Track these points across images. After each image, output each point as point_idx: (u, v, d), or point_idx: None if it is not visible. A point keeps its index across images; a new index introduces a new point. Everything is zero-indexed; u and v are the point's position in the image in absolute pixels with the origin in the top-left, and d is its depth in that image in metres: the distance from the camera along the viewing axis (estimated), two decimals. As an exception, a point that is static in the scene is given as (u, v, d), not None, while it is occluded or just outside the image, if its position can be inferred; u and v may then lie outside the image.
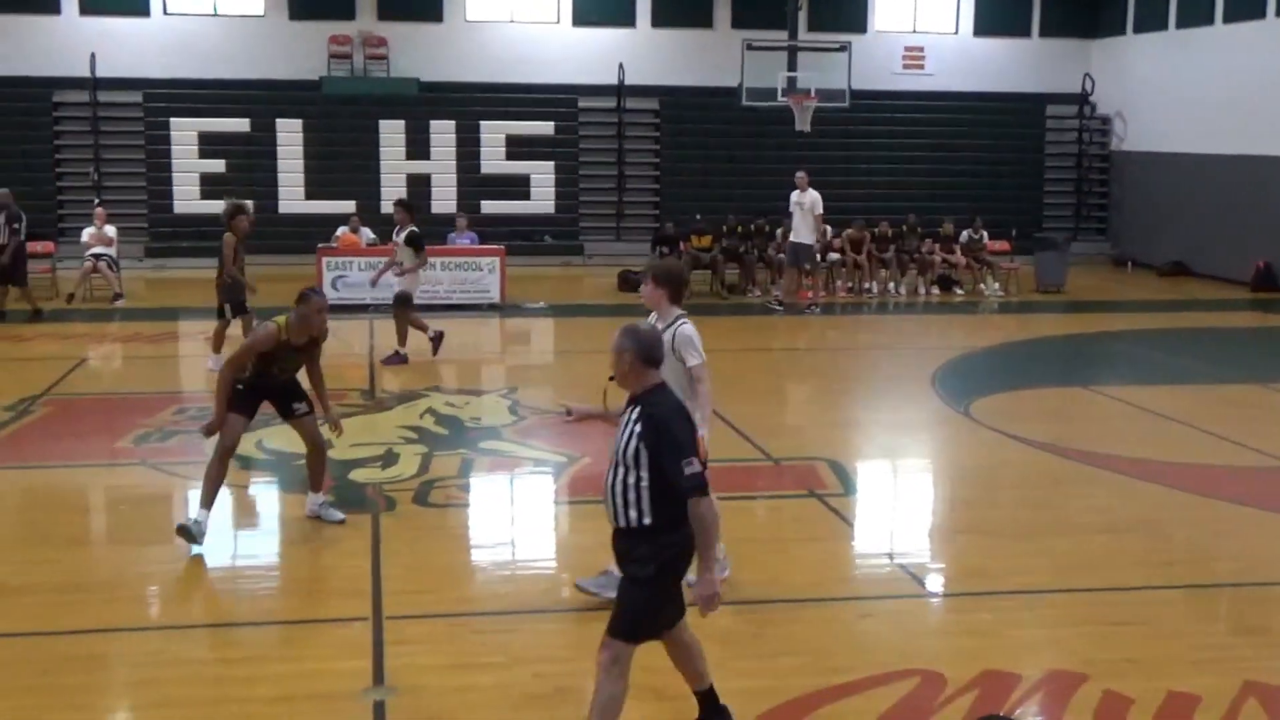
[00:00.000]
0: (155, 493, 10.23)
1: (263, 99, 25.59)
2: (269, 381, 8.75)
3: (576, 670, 6.65)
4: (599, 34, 26.94)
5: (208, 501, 8.51)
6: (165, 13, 25.72)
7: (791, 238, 20.33)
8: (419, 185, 25.62)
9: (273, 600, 7.90)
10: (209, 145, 25.03)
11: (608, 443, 5.71)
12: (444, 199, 25.57)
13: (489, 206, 25.66)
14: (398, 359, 15.13)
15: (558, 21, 26.98)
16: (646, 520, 5.39)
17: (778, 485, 10.56)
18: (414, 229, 15.40)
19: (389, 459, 10.82)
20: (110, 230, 20.84)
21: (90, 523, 9.73)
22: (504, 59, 26.63)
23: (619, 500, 5.43)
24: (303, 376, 9.02)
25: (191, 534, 8.35)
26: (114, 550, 8.72)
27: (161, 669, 6.72)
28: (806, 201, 19.88)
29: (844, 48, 24.47)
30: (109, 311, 19.35)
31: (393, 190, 25.52)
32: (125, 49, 25.26)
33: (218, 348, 14.04)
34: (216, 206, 24.68)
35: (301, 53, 25.94)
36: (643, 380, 5.50)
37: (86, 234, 20.73)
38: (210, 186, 24.79)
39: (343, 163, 25.61)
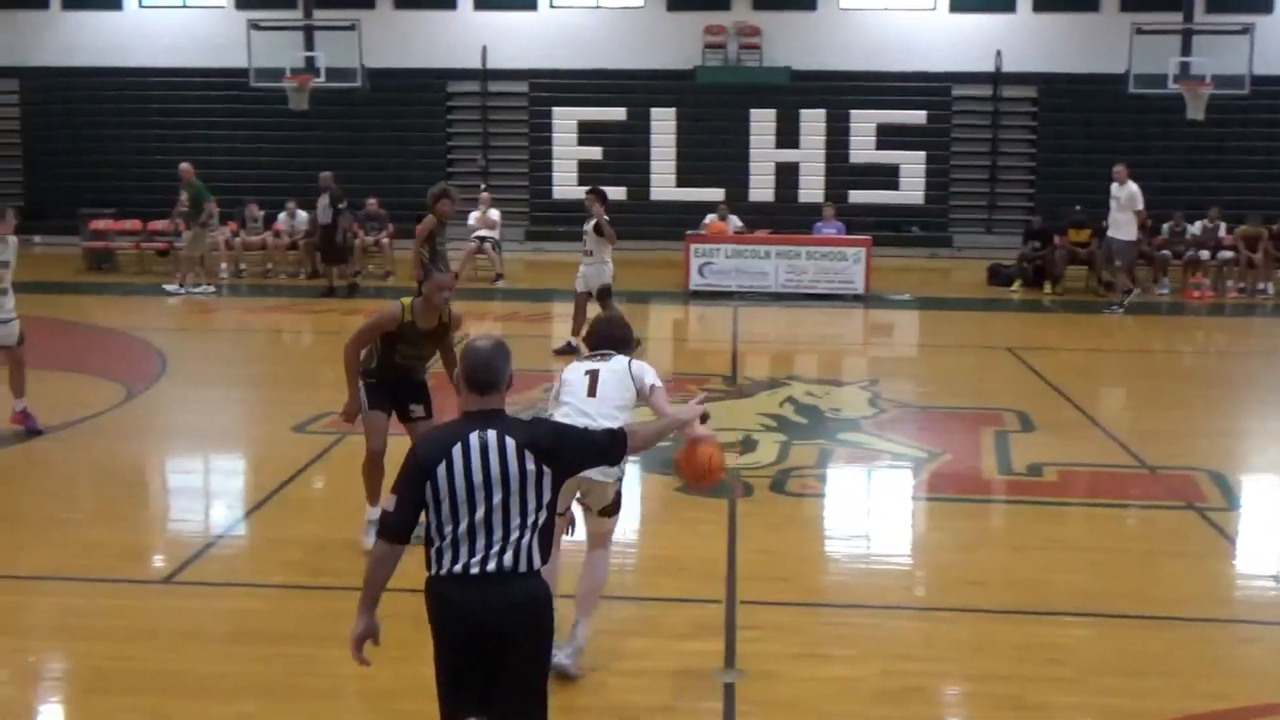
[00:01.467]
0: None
1: (639, 88, 26.32)
2: (394, 374, 8.06)
3: (929, 670, 6.50)
4: (977, 20, 26.22)
5: (374, 498, 8.01)
6: (551, 6, 26.86)
7: (1109, 232, 19.14)
8: (787, 174, 25.76)
9: (632, 576, 8.09)
10: (587, 133, 25.97)
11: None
12: (812, 188, 25.57)
13: (856, 196, 25.45)
14: (568, 349, 14.87)
15: (934, 8, 26.43)
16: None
17: (1152, 495, 9.96)
18: (603, 218, 15.20)
19: (748, 445, 10.90)
20: (494, 214, 21.95)
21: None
22: (877, 47, 26.33)
23: None
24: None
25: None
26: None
27: (525, 634, 7.00)
28: (1124, 195, 18.66)
29: (1246, 30, 22.84)
30: (490, 291, 20.40)
31: (762, 179, 25.82)
32: (514, 41, 26.55)
33: None
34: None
35: (677, 43, 26.51)
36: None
37: (472, 217, 21.90)
38: (587, 173, 25.74)
39: (713, 151, 26.01)
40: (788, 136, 25.95)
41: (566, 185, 26.06)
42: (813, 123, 25.91)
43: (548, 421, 4.96)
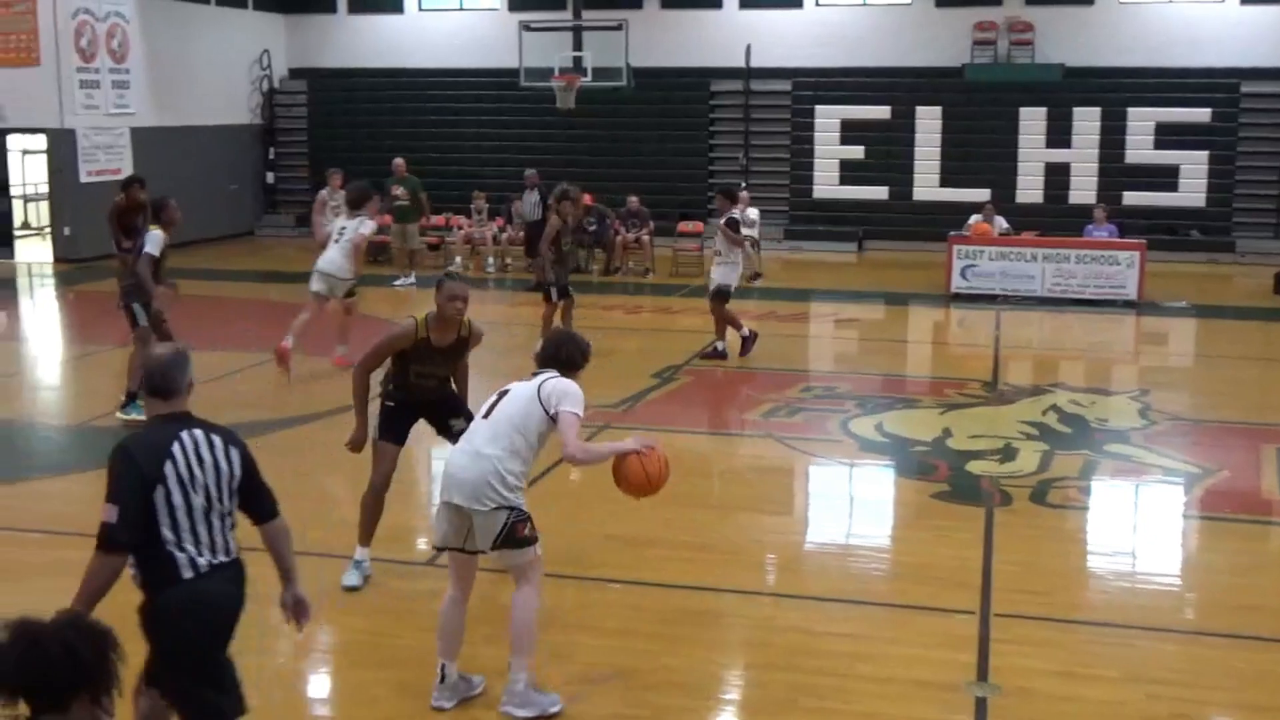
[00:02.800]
0: (778, 465, 10.66)
1: (904, 86, 25.89)
2: (415, 395, 7.49)
3: (1198, 698, 6.19)
4: (1269, 12, 24.73)
5: (366, 538, 7.66)
6: (817, 4, 26.69)
7: None
8: (1057, 174, 24.88)
9: (882, 582, 7.96)
10: (850, 132, 25.67)
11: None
12: (1083, 189, 24.60)
13: (1131, 198, 24.37)
14: (716, 354, 14.53)
15: (1223, 0, 25.08)
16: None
17: None
18: (733, 216, 14.79)
19: (1008, 453, 10.58)
20: (753, 213, 21.94)
21: (716, 488, 10.28)
22: (1158, 41, 25.14)
23: None
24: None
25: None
26: (736, 516, 9.16)
27: (771, 634, 6.99)
28: None
29: None
30: (748, 290, 20.40)
31: (1031, 179, 25.03)
32: (778, 40, 26.49)
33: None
34: (854, 192, 25.50)
35: (945, 39, 25.96)
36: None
37: (732, 215, 21.92)
38: (849, 172, 25.55)
39: (980, 150, 25.35)
40: (1059, 135, 25.05)
41: (827, 185, 25.86)
42: (1086, 121, 24.93)
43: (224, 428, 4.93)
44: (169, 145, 24.31)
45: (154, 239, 11.33)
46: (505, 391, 6.09)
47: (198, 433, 4.72)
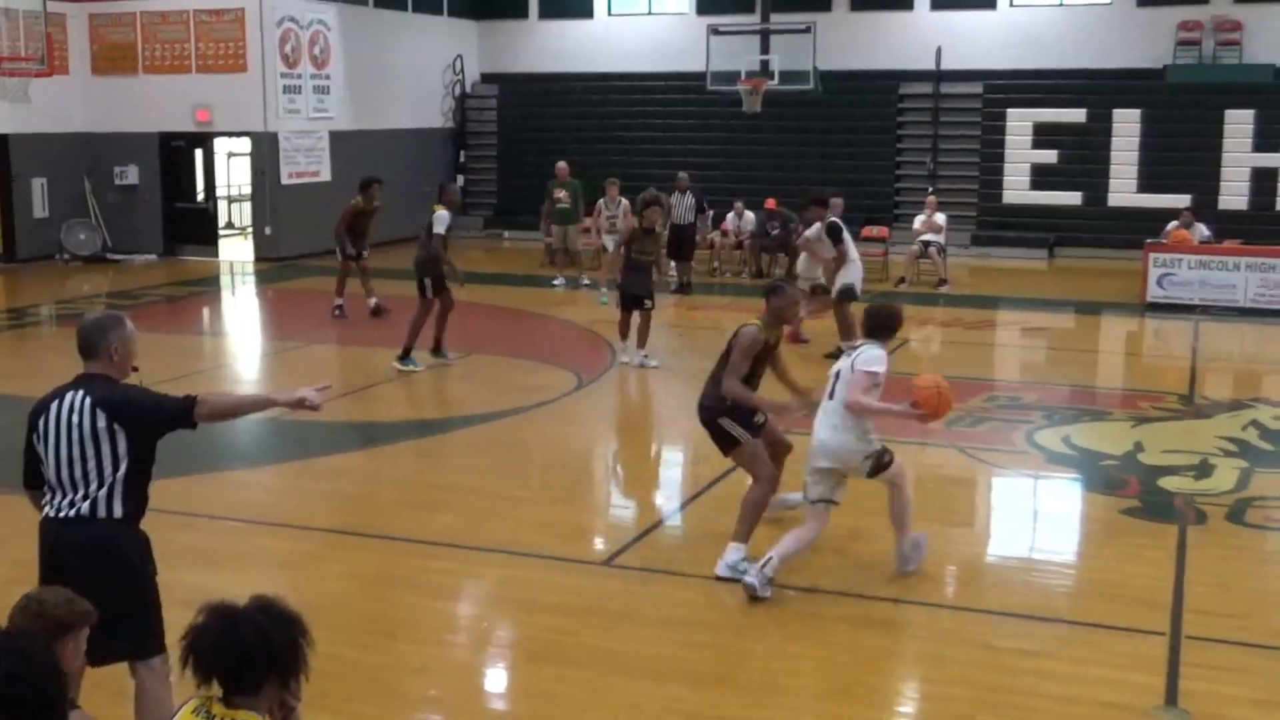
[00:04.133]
0: (962, 475, 10.46)
1: (1101, 88, 25.13)
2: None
3: (1407, 735, 5.86)
4: None
5: (745, 535, 7.78)
6: (1011, 5, 26.12)
7: None
8: (1264, 180, 23.81)
9: (1068, 599, 7.75)
10: (1043, 136, 25.02)
11: None
12: (1292, 194, 23.57)
13: (1342, 205, 23.23)
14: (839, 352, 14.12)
15: None
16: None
17: None
18: (835, 221, 14.42)
19: (1203, 470, 10.19)
20: (940, 218, 21.59)
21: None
22: (1377, 41, 23.95)
23: None
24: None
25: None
26: (918, 526, 9.01)
27: (953, 647, 6.86)
28: None
29: None
30: (934, 296, 20.09)
31: (1235, 185, 24.02)
32: (969, 42, 26.00)
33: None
34: (1046, 197, 24.86)
35: (1147, 40, 25.12)
36: None
37: (918, 221, 21.63)
38: (1041, 177, 24.90)
39: (1181, 155, 24.43)
40: (1268, 139, 23.96)
41: (1018, 189, 25.25)
42: (1296, 125, 23.85)
43: (131, 387, 5.15)
44: (365, 148, 25.10)
45: (441, 219, 13.33)
46: (837, 373, 7.54)
47: (78, 394, 5.06)
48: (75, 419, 5.00)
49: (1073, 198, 24.93)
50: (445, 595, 7.74)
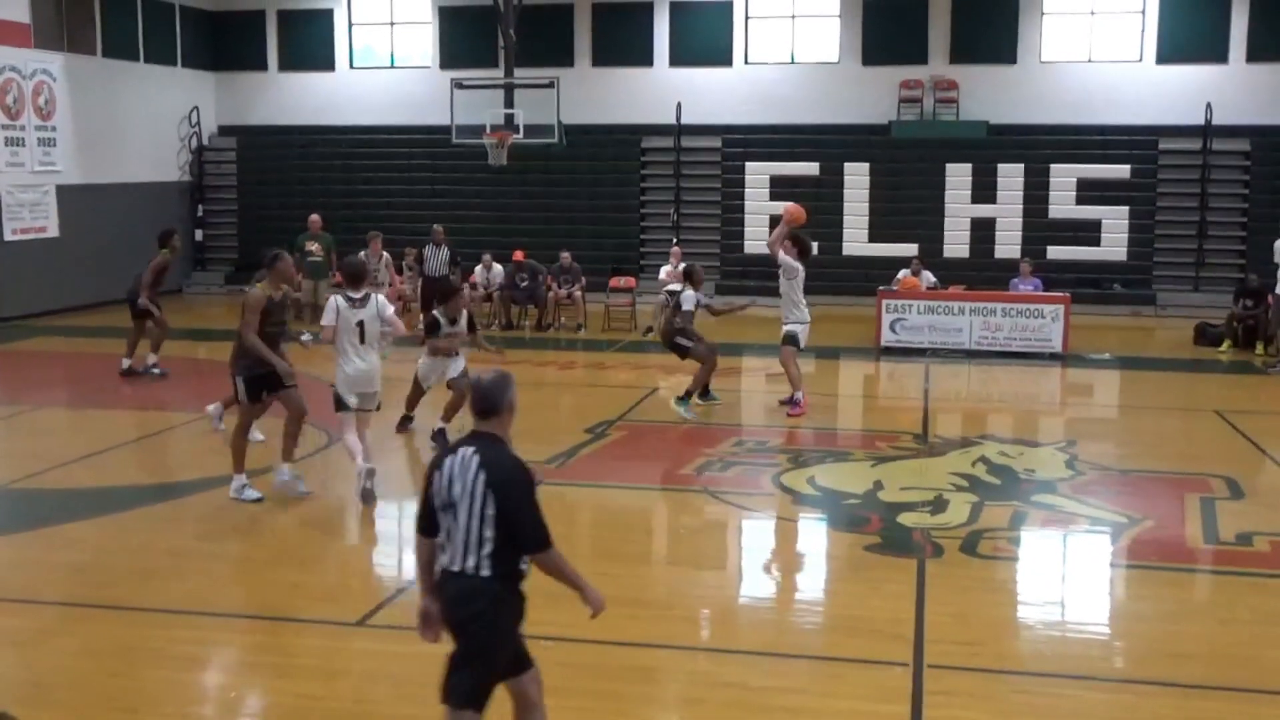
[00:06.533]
0: (712, 520, 10.67)
1: (832, 143, 26.25)
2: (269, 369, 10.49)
3: (1128, 747, 6.23)
4: (1185, 71, 25.46)
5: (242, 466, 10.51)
6: (746, 63, 27.06)
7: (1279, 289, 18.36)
8: (983, 229, 25.32)
9: (817, 635, 7.98)
10: (779, 188, 25.89)
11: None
12: (1008, 243, 25.08)
13: (1055, 252, 24.85)
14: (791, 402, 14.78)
15: (1140, 60, 25.76)
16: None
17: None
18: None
19: (938, 505, 10.67)
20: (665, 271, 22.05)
21: (650, 542, 10.28)
22: (1079, 100, 25.80)
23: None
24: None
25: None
26: (670, 570, 9.18)
27: (709, 689, 6.97)
28: None
29: None
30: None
31: (957, 234, 25.43)
32: (709, 97, 26.83)
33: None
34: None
35: (872, 97, 26.41)
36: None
37: (663, 271, 22.07)
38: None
39: (907, 206, 25.73)
40: (984, 191, 25.50)
41: (758, 240, 25.99)
42: (1010, 177, 25.41)
43: (518, 463, 5.26)
44: (95, 202, 24.11)
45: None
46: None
47: (468, 452, 5.23)
48: (460, 475, 5.19)
49: (809, 247, 25.83)
50: (190, 666, 7.40)
